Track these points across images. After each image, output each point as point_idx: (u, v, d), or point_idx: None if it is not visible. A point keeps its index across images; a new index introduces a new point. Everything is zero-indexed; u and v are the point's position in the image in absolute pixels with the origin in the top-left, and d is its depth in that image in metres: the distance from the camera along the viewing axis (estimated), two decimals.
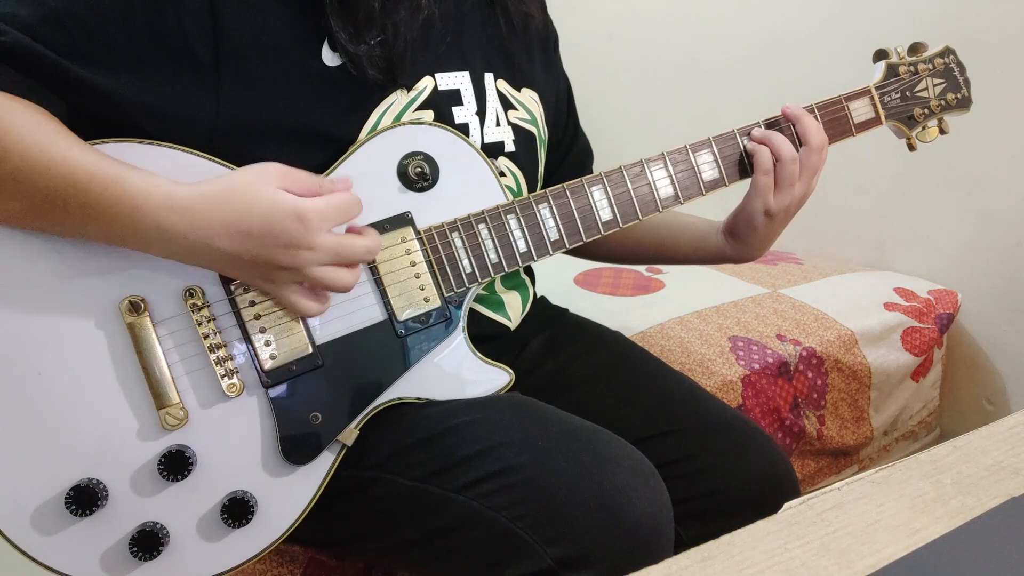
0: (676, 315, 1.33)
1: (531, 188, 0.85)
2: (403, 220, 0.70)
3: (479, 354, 0.73)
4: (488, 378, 0.74)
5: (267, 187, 0.59)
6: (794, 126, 0.80)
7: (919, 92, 0.87)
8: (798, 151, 0.79)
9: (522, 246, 0.74)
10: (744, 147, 0.80)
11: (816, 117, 0.82)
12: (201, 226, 0.58)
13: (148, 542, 0.62)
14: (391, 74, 0.70)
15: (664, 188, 0.78)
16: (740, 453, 0.78)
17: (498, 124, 0.80)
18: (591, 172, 0.99)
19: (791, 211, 0.81)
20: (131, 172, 0.58)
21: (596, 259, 1.02)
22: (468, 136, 0.76)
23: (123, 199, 0.57)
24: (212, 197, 0.58)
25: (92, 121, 0.62)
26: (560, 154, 0.96)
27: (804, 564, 0.40)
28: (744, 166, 0.81)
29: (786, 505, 0.45)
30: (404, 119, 0.72)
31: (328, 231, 0.61)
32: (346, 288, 0.63)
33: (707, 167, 0.80)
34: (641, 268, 1.59)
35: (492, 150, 0.79)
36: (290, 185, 0.61)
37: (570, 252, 0.81)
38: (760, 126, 0.81)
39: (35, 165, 0.56)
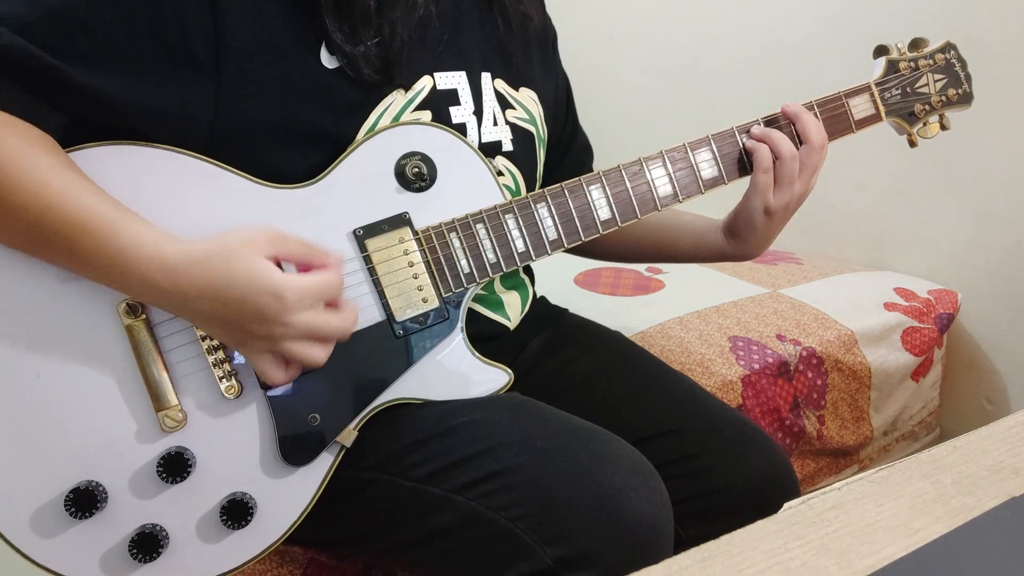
0: (676, 315, 1.33)
1: (529, 187, 0.85)
2: (401, 220, 0.70)
3: (478, 354, 0.73)
4: (487, 378, 0.74)
5: (251, 257, 0.58)
6: (794, 124, 0.80)
7: (920, 88, 0.86)
8: (798, 149, 0.79)
9: (520, 246, 0.74)
10: (743, 145, 0.80)
11: (816, 114, 0.82)
12: (183, 287, 0.58)
13: (148, 544, 0.62)
14: (388, 74, 0.70)
15: (663, 187, 0.78)
16: (740, 453, 0.78)
17: (495, 124, 0.80)
18: (591, 169, 0.99)
19: (791, 209, 0.81)
20: (124, 224, 0.58)
21: (596, 257, 1.02)
22: (465, 136, 0.76)
23: (114, 254, 0.57)
24: (198, 260, 0.58)
25: (91, 124, 0.62)
26: (560, 152, 0.96)
27: (804, 564, 0.40)
28: (743, 164, 0.81)
29: (786, 505, 0.45)
30: (402, 119, 0.72)
31: (304, 309, 0.59)
32: (316, 364, 0.62)
33: (706, 165, 0.80)
34: (641, 268, 1.59)
35: (489, 149, 0.79)
36: (279, 252, 0.60)
37: (570, 251, 0.81)
38: (759, 124, 0.80)
39: (29, 205, 0.56)
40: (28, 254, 0.60)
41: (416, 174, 0.71)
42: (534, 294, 0.92)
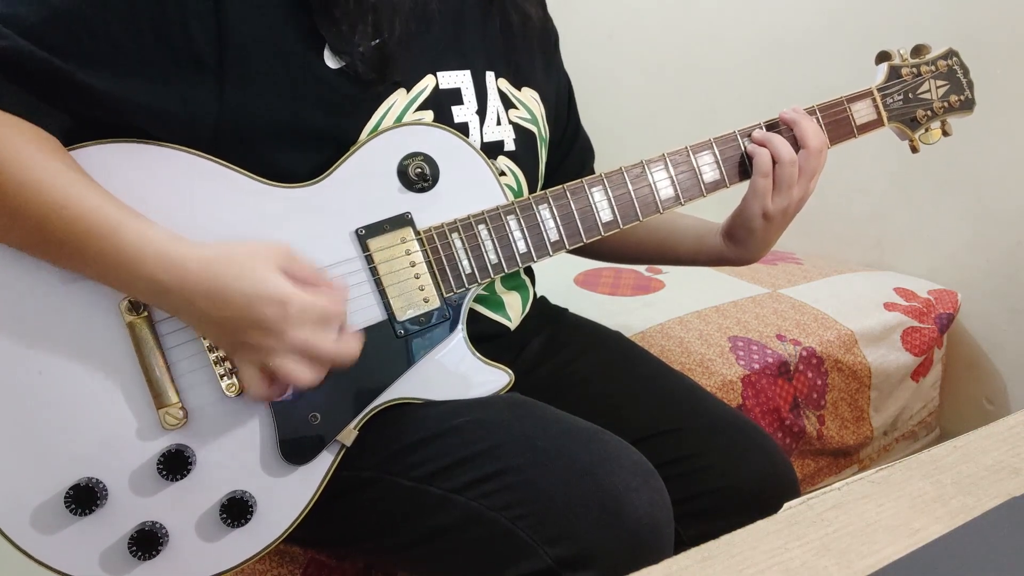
0: (676, 315, 1.33)
1: (531, 187, 0.85)
2: (403, 220, 0.70)
3: (479, 354, 0.73)
4: (488, 379, 0.74)
5: (264, 265, 0.58)
6: (793, 130, 0.80)
7: (921, 94, 0.86)
8: (797, 154, 0.79)
9: (522, 247, 0.74)
10: (745, 148, 0.80)
11: (817, 119, 0.82)
12: (189, 286, 0.58)
13: (147, 541, 0.62)
14: (385, 72, 0.70)
15: (665, 189, 0.78)
16: (740, 453, 0.78)
17: (498, 123, 0.80)
18: (592, 170, 0.99)
19: (789, 214, 0.81)
20: (127, 224, 0.58)
21: (597, 258, 1.02)
22: (467, 135, 0.76)
23: (118, 254, 0.57)
24: (209, 261, 0.58)
25: (94, 126, 0.62)
26: (561, 152, 0.96)
27: (804, 564, 0.40)
28: (745, 168, 0.81)
29: (786, 505, 0.45)
30: (405, 120, 0.72)
31: (303, 327, 0.59)
32: (301, 385, 0.61)
33: (708, 168, 0.80)
34: (641, 268, 1.59)
35: (492, 149, 0.79)
36: (289, 267, 0.60)
37: (571, 251, 0.81)
38: (761, 127, 0.80)
39: (31, 206, 0.56)
40: (33, 255, 0.60)
41: (418, 174, 0.71)
42: (535, 294, 0.92)
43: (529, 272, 0.93)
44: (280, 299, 0.57)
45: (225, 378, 0.65)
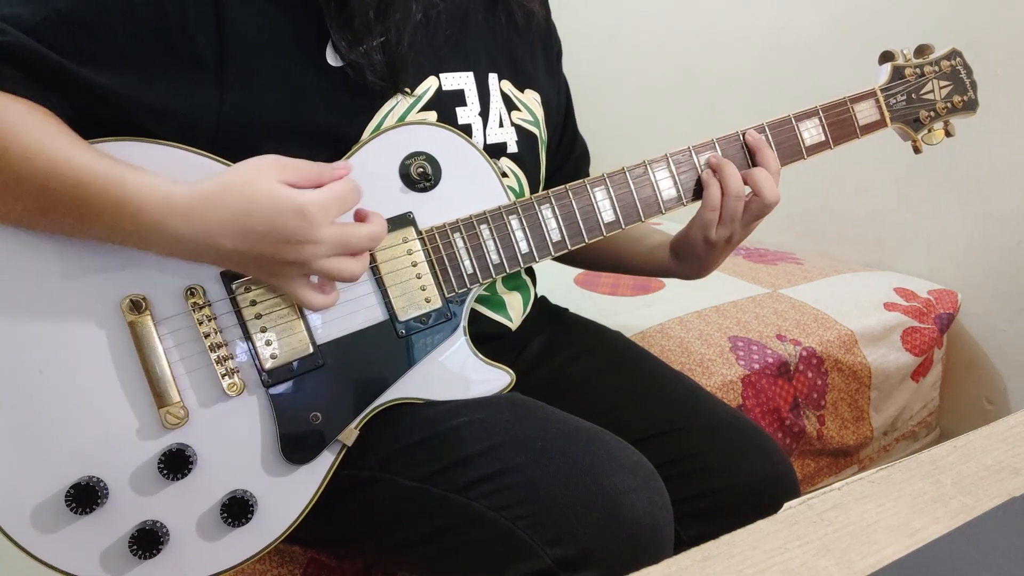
0: (676, 315, 1.33)
1: (533, 189, 0.85)
2: (405, 220, 0.70)
3: (480, 355, 0.73)
4: (489, 378, 0.74)
5: (267, 183, 0.58)
6: (752, 157, 0.79)
7: (925, 94, 0.86)
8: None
9: (524, 247, 0.74)
10: (700, 174, 0.79)
11: (821, 119, 0.81)
12: (201, 227, 0.58)
13: (148, 540, 0.62)
14: (393, 80, 0.70)
15: (667, 190, 0.78)
16: (740, 453, 0.78)
17: (501, 125, 0.80)
18: (588, 176, 0.99)
19: (733, 242, 0.81)
20: (130, 174, 0.58)
21: (562, 262, 1.02)
22: (470, 137, 0.76)
23: (123, 202, 0.57)
24: (211, 197, 0.58)
25: (95, 122, 0.62)
26: (559, 158, 0.96)
27: (804, 564, 0.40)
28: (749, 168, 0.80)
29: (786, 505, 0.45)
30: (408, 120, 0.72)
31: (331, 223, 0.60)
32: (353, 277, 0.62)
33: None
34: None
35: (495, 151, 0.79)
36: (289, 176, 0.60)
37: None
38: (764, 128, 0.80)
39: (36, 166, 0.56)
40: (38, 227, 0.60)
41: (421, 174, 0.71)
42: (535, 295, 0.92)
43: (530, 272, 0.93)
44: (297, 208, 0.57)
45: (227, 377, 0.65)
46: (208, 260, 0.62)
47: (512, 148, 0.81)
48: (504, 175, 0.80)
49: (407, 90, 0.72)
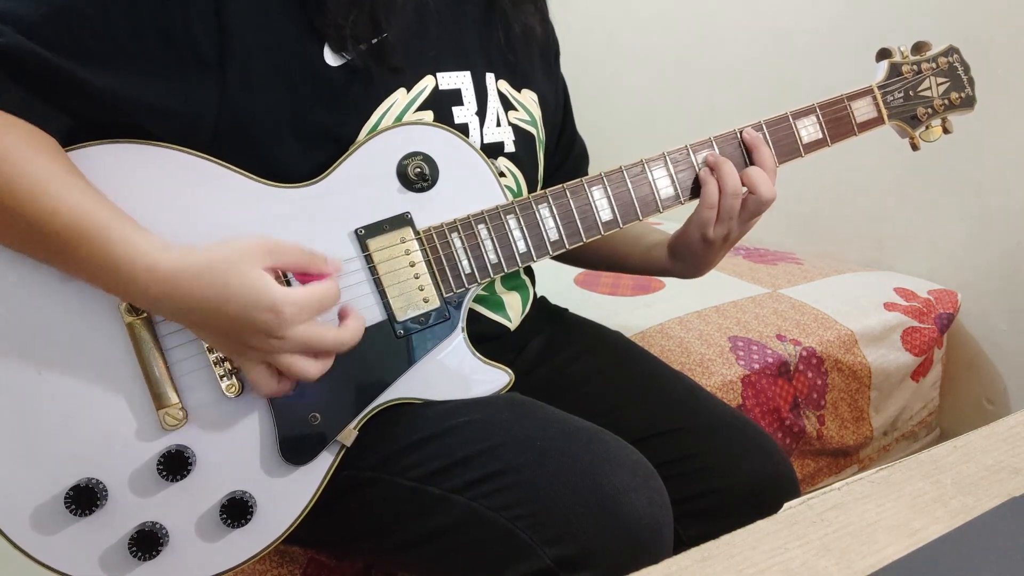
0: (676, 315, 1.33)
1: (531, 188, 0.85)
2: (402, 220, 0.70)
3: (479, 354, 0.73)
4: (488, 378, 0.74)
5: (250, 270, 0.58)
6: (750, 155, 0.79)
7: (922, 91, 0.86)
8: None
9: (522, 247, 0.74)
10: (698, 172, 0.79)
11: (817, 116, 0.81)
12: (179, 300, 0.58)
13: (147, 542, 0.62)
14: (384, 61, 0.70)
15: (665, 188, 0.78)
16: (740, 453, 0.78)
17: (498, 124, 0.80)
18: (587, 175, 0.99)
19: (731, 241, 0.81)
20: (116, 235, 0.57)
21: (563, 262, 1.02)
22: (467, 136, 0.76)
23: (105, 265, 0.57)
24: (194, 273, 0.57)
25: (95, 124, 0.62)
26: (558, 158, 0.96)
27: (804, 564, 0.40)
28: (746, 166, 0.80)
29: (786, 505, 0.45)
30: (405, 120, 0.72)
31: (301, 324, 0.59)
32: (309, 378, 0.61)
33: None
34: None
35: (492, 150, 0.79)
36: (276, 262, 0.60)
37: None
38: (763, 126, 0.80)
39: (25, 213, 0.56)
40: (33, 257, 0.60)
41: (418, 174, 0.71)
42: (535, 295, 0.92)
43: (529, 272, 0.93)
44: (272, 306, 0.57)
45: (225, 378, 0.65)
46: (182, 324, 0.62)
47: (509, 148, 0.81)
48: (501, 175, 0.80)
49: (403, 84, 0.72)
